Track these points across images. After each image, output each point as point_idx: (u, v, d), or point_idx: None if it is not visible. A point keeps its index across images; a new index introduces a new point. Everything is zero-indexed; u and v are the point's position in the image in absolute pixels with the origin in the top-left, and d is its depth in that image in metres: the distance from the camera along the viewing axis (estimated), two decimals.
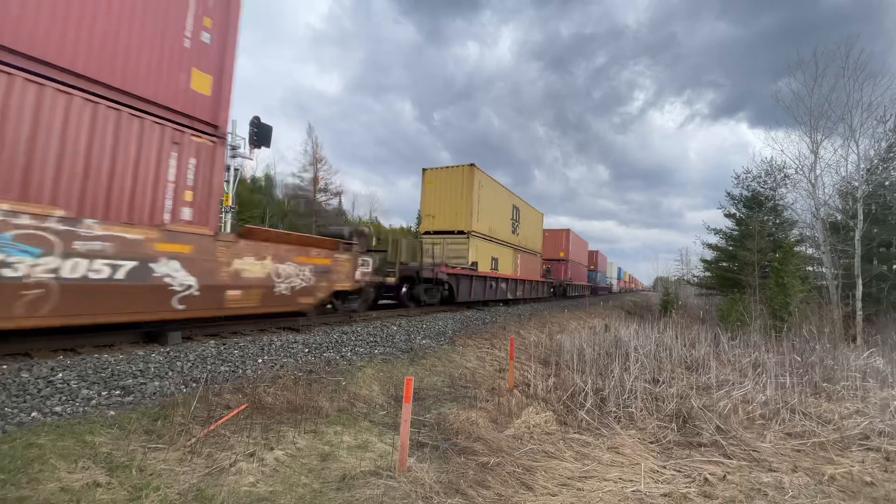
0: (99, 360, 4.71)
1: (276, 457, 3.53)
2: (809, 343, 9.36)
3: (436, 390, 6.25)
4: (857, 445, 4.71)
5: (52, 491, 2.67)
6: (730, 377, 6.94)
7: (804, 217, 17.98)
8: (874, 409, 5.68)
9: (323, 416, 4.57)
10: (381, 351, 7.54)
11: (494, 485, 3.43)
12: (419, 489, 3.21)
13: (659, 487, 3.56)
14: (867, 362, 8.14)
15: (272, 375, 5.38)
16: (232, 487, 3.00)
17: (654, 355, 8.39)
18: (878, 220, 16.66)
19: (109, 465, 3.06)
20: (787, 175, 18.34)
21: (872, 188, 15.92)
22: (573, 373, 6.96)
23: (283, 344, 6.56)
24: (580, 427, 5.03)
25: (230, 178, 14.60)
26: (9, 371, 4.10)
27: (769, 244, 18.52)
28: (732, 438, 4.68)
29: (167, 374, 4.83)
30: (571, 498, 3.34)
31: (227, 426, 3.95)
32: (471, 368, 7.73)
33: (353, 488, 3.17)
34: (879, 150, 16.33)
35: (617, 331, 10.82)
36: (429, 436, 4.46)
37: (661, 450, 4.48)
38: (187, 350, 5.53)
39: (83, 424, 3.56)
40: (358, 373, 6.13)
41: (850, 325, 15.22)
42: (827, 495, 3.58)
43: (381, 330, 8.66)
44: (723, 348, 8.93)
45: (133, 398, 4.25)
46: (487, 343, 9.90)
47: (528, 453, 4.13)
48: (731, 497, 3.46)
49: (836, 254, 16.27)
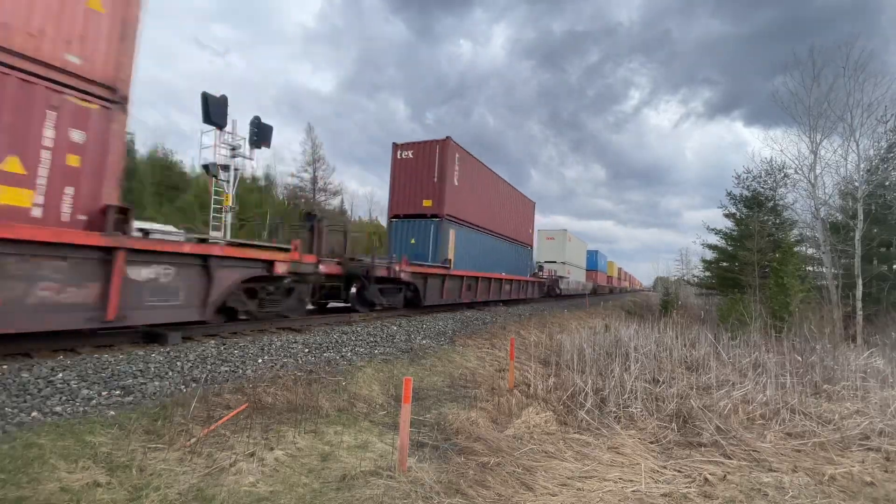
0: (99, 360, 4.71)
1: (276, 457, 3.53)
2: (809, 343, 9.35)
3: (436, 390, 6.25)
4: (858, 445, 4.71)
5: (52, 491, 2.67)
6: (730, 377, 6.93)
7: (804, 217, 17.98)
8: (874, 409, 5.67)
9: (323, 416, 4.57)
10: (381, 351, 7.53)
11: (494, 485, 3.43)
12: (419, 489, 3.21)
13: (659, 487, 3.56)
14: (867, 362, 8.13)
15: (272, 375, 5.38)
16: (232, 487, 3.00)
17: (654, 355, 8.38)
18: (878, 220, 16.66)
19: (109, 465, 3.06)
20: (787, 175, 18.36)
21: (872, 188, 15.91)
22: (573, 373, 6.96)
23: (283, 344, 6.56)
24: (580, 427, 5.03)
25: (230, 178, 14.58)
26: (9, 371, 4.10)
27: (769, 244, 18.52)
28: (732, 438, 4.68)
29: (167, 374, 4.83)
30: (571, 498, 3.34)
31: (227, 426, 3.95)
32: (471, 368, 7.73)
33: (353, 488, 3.17)
34: (879, 150, 16.34)
35: (617, 331, 10.82)
36: (429, 436, 4.46)
37: (661, 450, 4.48)
38: (187, 350, 5.53)
39: (83, 424, 3.56)
40: (358, 373, 6.13)
41: (850, 325, 15.22)
42: (827, 495, 3.57)
43: (381, 330, 8.66)
44: (723, 348, 8.93)
45: (133, 398, 4.25)
46: (487, 343, 9.89)
47: (528, 453, 4.13)
48: (731, 497, 3.46)
49: (836, 254, 16.26)
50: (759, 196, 20.96)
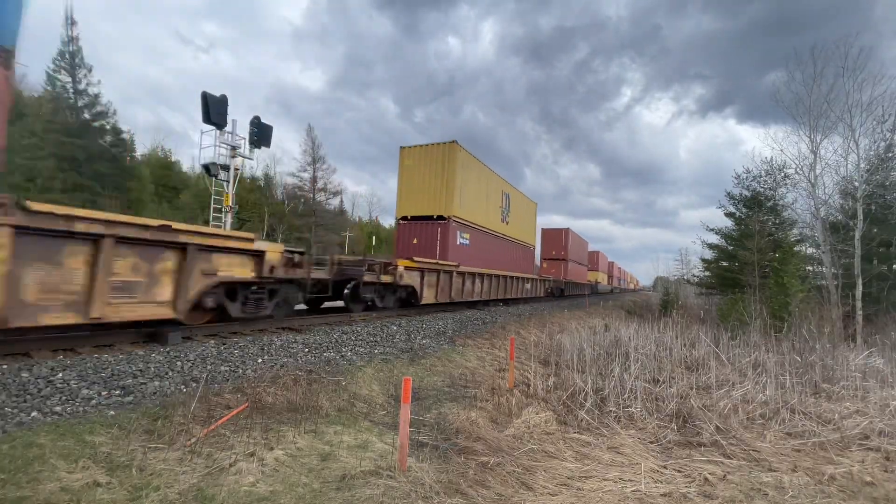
0: (99, 360, 4.71)
1: (276, 457, 3.53)
2: (809, 343, 9.35)
3: (436, 390, 6.25)
4: (857, 445, 4.71)
5: (52, 491, 2.67)
6: (730, 377, 6.94)
7: (804, 217, 17.98)
8: (874, 408, 5.68)
9: (323, 416, 4.57)
10: (381, 351, 7.54)
11: (494, 484, 3.43)
12: (419, 489, 3.21)
13: (659, 487, 3.56)
14: (867, 362, 8.13)
15: (272, 375, 5.38)
16: (232, 487, 3.00)
17: (654, 355, 8.39)
18: (878, 220, 16.66)
19: (109, 464, 3.06)
20: (787, 175, 18.36)
21: (872, 188, 15.92)
22: (573, 372, 6.96)
23: (283, 344, 6.56)
24: (580, 427, 5.03)
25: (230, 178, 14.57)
26: (9, 371, 4.11)
27: (769, 244, 18.52)
28: (732, 438, 4.68)
29: (167, 374, 4.83)
30: (571, 498, 3.34)
31: (227, 426, 3.95)
32: (471, 368, 7.73)
33: (353, 488, 3.17)
34: (879, 150, 16.35)
35: (617, 330, 10.82)
36: (429, 435, 4.46)
37: (661, 450, 4.48)
38: (187, 350, 5.53)
39: (83, 424, 3.56)
40: (358, 372, 6.14)
41: (849, 324, 15.22)
42: (827, 495, 3.58)
43: (381, 330, 8.66)
44: (723, 348, 8.93)
45: (133, 398, 4.25)
46: (487, 343, 9.90)
47: (528, 453, 4.13)
48: (731, 497, 3.46)
49: (836, 253, 16.26)
50: (758, 196, 20.96)
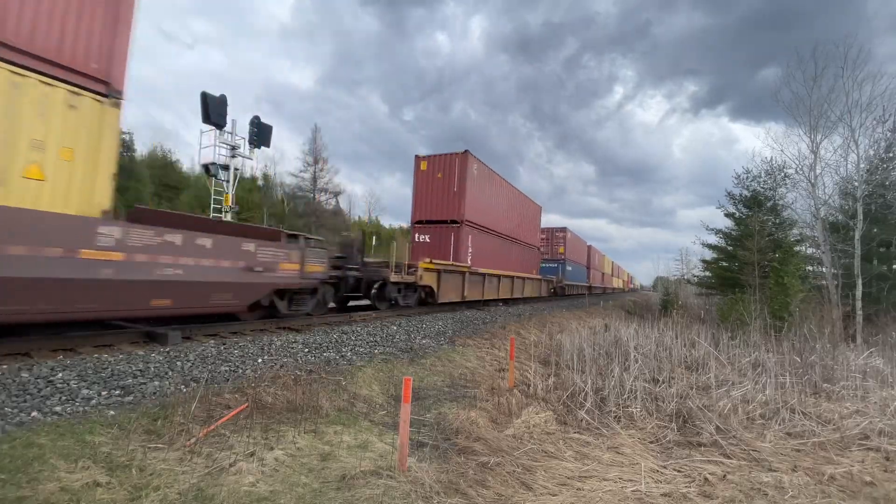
0: (99, 360, 4.71)
1: (276, 457, 3.53)
2: (809, 343, 9.35)
3: (436, 390, 6.25)
4: (857, 445, 4.71)
5: (52, 491, 2.67)
6: (730, 377, 6.93)
7: (804, 217, 17.97)
8: (874, 408, 5.68)
9: (323, 416, 4.57)
10: (381, 351, 7.53)
11: (494, 484, 3.43)
12: (419, 489, 3.21)
13: (659, 487, 3.57)
14: (867, 362, 8.13)
15: (272, 375, 5.37)
16: (232, 487, 3.00)
17: (654, 355, 8.38)
18: (878, 220, 16.65)
19: (109, 464, 3.06)
20: (787, 175, 18.36)
21: (872, 188, 15.92)
22: (573, 372, 6.96)
23: (283, 344, 6.56)
24: (580, 427, 5.03)
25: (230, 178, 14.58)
26: (9, 371, 4.10)
27: (769, 244, 18.51)
28: (732, 438, 4.68)
29: (167, 374, 4.83)
30: (571, 498, 3.34)
31: (227, 426, 3.95)
32: (471, 368, 7.73)
33: (353, 488, 3.17)
34: (879, 150, 16.36)
35: (617, 330, 10.82)
36: (429, 435, 4.46)
37: (661, 450, 4.48)
38: (187, 350, 5.53)
39: (83, 424, 3.56)
40: (358, 372, 6.14)
41: (849, 324, 15.22)
42: (827, 495, 3.58)
43: (381, 330, 8.66)
44: (723, 348, 8.92)
45: (133, 398, 4.25)
46: (487, 343, 9.90)
47: (528, 453, 4.13)
48: (730, 497, 3.46)
49: (836, 254, 16.26)
50: (758, 196, 20.95)
